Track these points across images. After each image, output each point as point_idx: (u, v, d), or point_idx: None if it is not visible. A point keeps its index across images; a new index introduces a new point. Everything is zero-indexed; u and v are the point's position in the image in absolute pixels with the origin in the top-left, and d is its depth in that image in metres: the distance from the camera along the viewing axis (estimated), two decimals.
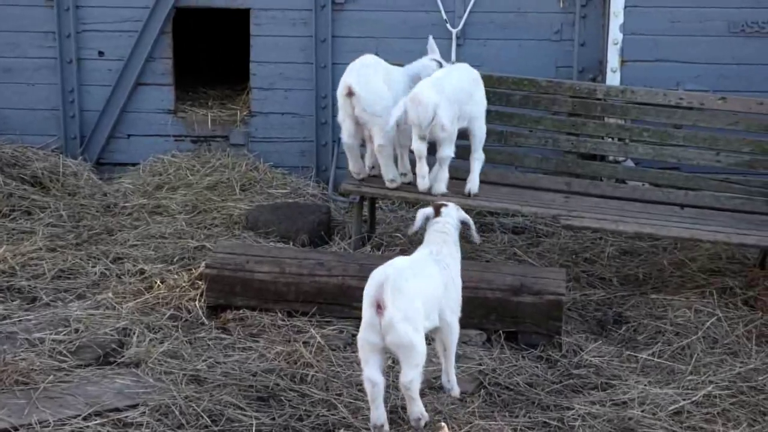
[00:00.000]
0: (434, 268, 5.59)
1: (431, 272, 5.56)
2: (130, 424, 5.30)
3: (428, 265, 5.60)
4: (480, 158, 7.46)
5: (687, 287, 7.38)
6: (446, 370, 5.72)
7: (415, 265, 5.50)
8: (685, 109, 7.82)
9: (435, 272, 5.58)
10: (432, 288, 5.50)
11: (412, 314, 5.21)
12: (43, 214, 8.33)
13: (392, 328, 5.12)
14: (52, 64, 9.39)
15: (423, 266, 5.55)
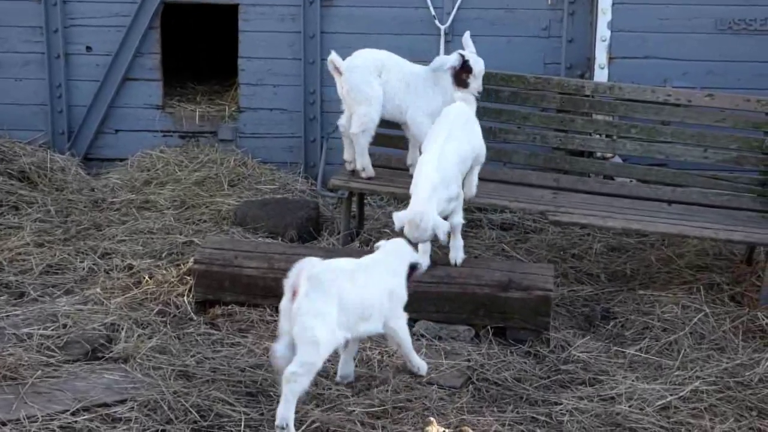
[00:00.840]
0: (381, 274, 5.61)
1: (376, 277, 5.56)
2: (118, 419, 5.29)
3: (376, 270, 5.60)
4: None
5: (674, 283, 7.41)
6: (408, 359, 5.85)
7: (358, 269, 5.49)
8: (673, 106, 7.84)
9: (381, 278, 5.58)
10: (374, 294, 5.52)
11: (325, 313, 5.18)
12: (30, 210, 8.31)
13: (299, 318, 5.11)
14: (40, 59, 9.37)
15: (369, 270, 5.56)
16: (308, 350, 5.11)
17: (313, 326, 5.13)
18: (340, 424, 5.34)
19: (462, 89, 7.27)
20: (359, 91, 7.40)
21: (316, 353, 5.14)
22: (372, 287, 5.53)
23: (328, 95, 9.23)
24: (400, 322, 5.73)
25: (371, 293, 5.52)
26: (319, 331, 5.14)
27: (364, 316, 5.49)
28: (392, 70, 7.44)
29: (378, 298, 5.57)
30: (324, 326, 5.18)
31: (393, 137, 7.91)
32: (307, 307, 5.13)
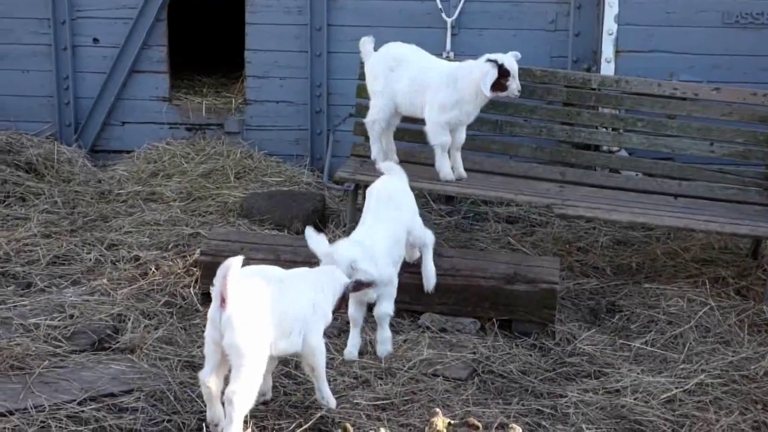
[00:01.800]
0: (306, 286, 5.25)
1: (302, 289, 5.21)
2: (125, 409, 5.31)
3: (302, 281, 5.26)
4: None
5: (680, 277, 7.41)
6: (319, 388, 5.38)
7: (286, 278, 5.17)
8: (679, 100, 7.84)
9: (306, 290, 5.23)
10: (298, 306, 5.16)
11: (257, 322, 4.87)
12: (37, 201, 8.33)
13: (230, 327, 4.77)
14: (47, 51, 9.37)
15: (295, 281, 5.22)
16: (243, 364, 4.79)
17: (245, 335, 4.80)
18: (346, 416, 5.35)
19: (501, 92, 7.20)
20: (368, 84, 7.64)
21: (252, 368, 4.83)
22: (295, 299, 5.16)
23: (334, 88, 9.23)
24: (320, 344, 5.29)
25: (294, 305, 5.15)
26: (251, 343, 4.82)
27: (284, 331, 5.10)
28: (409, 66, 7.46)
29: (300, 312, 5.19)
30: (256, 339, 4.86)
31: (408, 131, 7.95)
32: (240, 315, 4.80)
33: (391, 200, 6.20)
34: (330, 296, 5.36)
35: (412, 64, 7.50)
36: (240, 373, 4.80)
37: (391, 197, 6.22)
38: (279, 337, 5.04)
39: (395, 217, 6.14)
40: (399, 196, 6.28)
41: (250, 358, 4.81)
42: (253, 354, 4.83)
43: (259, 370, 4.89)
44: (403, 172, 6.50)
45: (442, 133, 7.40)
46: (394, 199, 6.22)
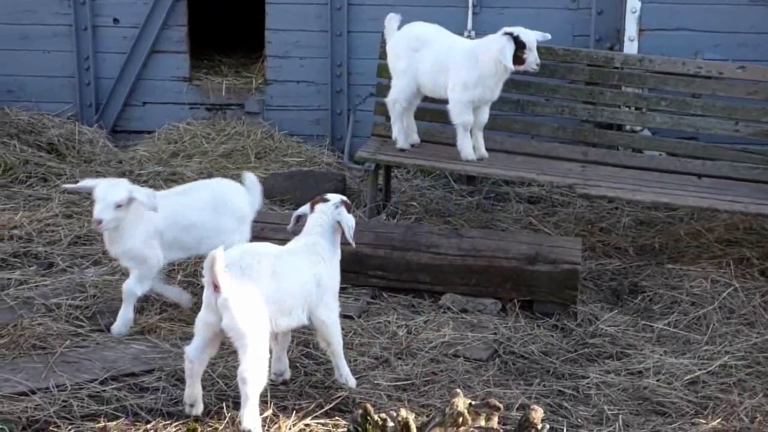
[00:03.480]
0: (304, 261, 5.17)
1: (299, 265, 5.14)
2: (146, 388, 5.32)
3: (298, 256, 5.18)
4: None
5: (703, 257, 7.35)
6: (337, 365, 5.36)
7: (282, 254, 5.12)
8: (704, 78, 7.76)
9: (304, 265, 5.16)
10: (296, 282, 5.09)
11: (253, 301, 4.84)
12: (59, 181, 8.34)
13: (227, 310, 4.77)
14: (68, 32, 9.37)
15: (291, 257, 5.14)
16: (246, 344, 4.78)
17: (242, 315, 4.78)
18: (366, 396, 5.34)
19: (519, 66, 7.20)
20: (390, 64, 7.64)
21: (255, 346, 4.80)
22: (293, 275, 5.10)
23: (354, 68, 9.19)
24: (332, 315, 5.27)
25: (293, 281, 5.10)
26: (249, 322, 4.80)
27: (285, 309, 5.06)
28: (432, 46, 7.44)
29: (301, 287, 5.13)
30: (254, 317, 4.84)
31: (429, 111, 7.92)
32: (235, 298, 4.78)
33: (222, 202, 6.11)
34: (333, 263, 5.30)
35: (434, 43, 7.48)
36: (246, 353, 4.79)
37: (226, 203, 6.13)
38: (279, 315, 5.02)
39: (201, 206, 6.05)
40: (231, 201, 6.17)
41: (251, 336, 4.80)
42: (253, 332, 4.82)
43: (264, 346, 4.89)
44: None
45: (465, 112, 7.38)
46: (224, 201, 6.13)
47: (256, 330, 4.84)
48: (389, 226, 7.18)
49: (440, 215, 8.03)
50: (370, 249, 6.61)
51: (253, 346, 4.81)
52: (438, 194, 8.53)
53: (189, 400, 5.04)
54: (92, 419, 5.00)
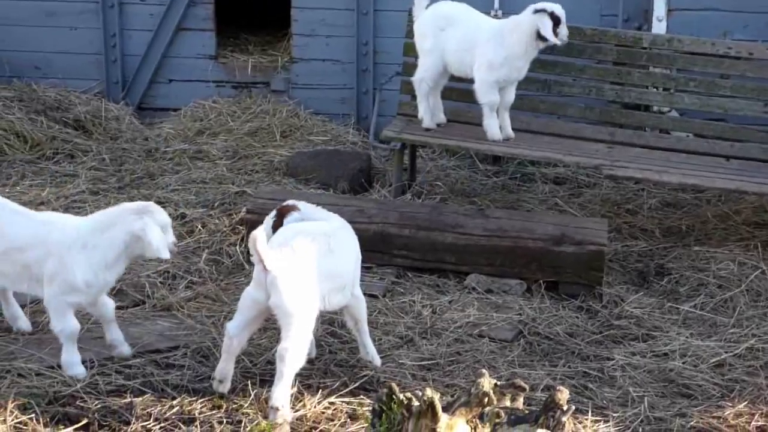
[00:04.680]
0: (351, 238, 5.22)
1: (350, 242, 5.19)
2: (171, 365, 5.34)
3: (347, 233, 5.21)
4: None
5: (731, 240, 7.30)
6: (364, 343, 5.37)
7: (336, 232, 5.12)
8: (733, 59, 7.68)
9: (352, 242, 5.21)
10: (349, 260, 5.15)
11: (303, 281, 4.84)
12: (85, 158, 8.38)
13: (276, 288, 4.75)
14: (95, 9, 9.38)
15: (343, 234, 5.18)
16: (292, 323, 4.77)
17: (292, 294, 4.77)
18: (391, 375, 5.35)
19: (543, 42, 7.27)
20: (417, 42, 7.63)
21: (301, 326, 4.82)
22: (344, 252, 5.13)
23: (381, 46, 9.16)
24: (361, 293, 5.30)
25: (344, 259, 5.12)
26: (300, 302, 4.80)
27: (338, 285, 5.07)
28: (459, 25, 7.42)
29: (349, 264, 5.16)
30: (305, 298, 4.86)
31: (455, 90, 7.89)
32: (284, 277, 4.76)
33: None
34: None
35: (461, 23, 7.45)
36: (290, 332, 4.78)
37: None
38: (334, 293, 5.04)
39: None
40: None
41: (298, 317, 4.80)
42: (300, 313, 4.81)
43: (309, 328, 4.89)
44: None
45: (491, 92, 7.35)
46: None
47: (303, 310, 4.84)
48: (414, 205, 7.17)
49: (465, 195, 8.01)
50: (395, 229, 6.60)
51: (297, 326, 4.81)
52: (463, 174, 8.50)
53: (219, 375, 5.03)
54: (118, 395, 5.03)
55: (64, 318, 5.11)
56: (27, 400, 4.87)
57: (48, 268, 5.05)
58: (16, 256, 5.09)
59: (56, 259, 5.04)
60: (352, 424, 4.87)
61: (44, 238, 5.07)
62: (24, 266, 5.10)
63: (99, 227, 5.06)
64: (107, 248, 5.03)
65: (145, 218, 5.02)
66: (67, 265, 5.02)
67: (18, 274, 5.14)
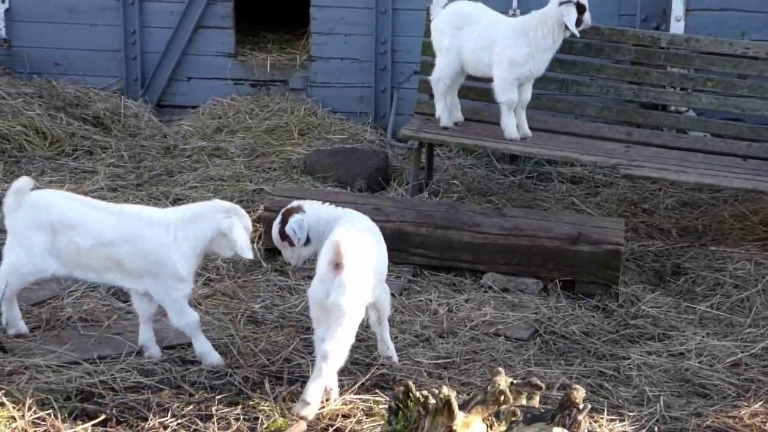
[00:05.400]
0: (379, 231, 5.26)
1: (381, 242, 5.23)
2: (189, 361, 5.37)
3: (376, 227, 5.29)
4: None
5: (748, 240, 7.30)
6: (383, 338, 5.41)
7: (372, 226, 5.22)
8: (751, 59, 7.66)
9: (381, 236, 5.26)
10: (385, 253, 5.22)
11: (365, 282, 4.92)
12: (104, 154, 8.43)
13: (342, 290, 4.77)
14: (115, 6, 9.43)
15: (376, 228, 5.26)
16: (343, 323, 4.81)
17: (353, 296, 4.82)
18: (407, 373, 5.37)
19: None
20: (434, 42, 7.64)
21: (350, 327, 4.87)
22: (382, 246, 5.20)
23: (399, 45, 9.19)
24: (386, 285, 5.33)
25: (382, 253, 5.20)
26: (357, 304, 4.87)
27: (380, 279, 5.16)
28: (477, 25, 7.43)
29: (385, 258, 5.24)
30: (362, 299, 4.93)
31: (473, 89, 7.91)
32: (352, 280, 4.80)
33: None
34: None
35: (478, 22, 7.47)
36: (337, 332, 4.80)
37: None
38: (377, 285, 5.11)
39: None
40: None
41: (350, 318, 4.83)
42: (353, 315, 4.86)
43: (355, 330, 4.93)
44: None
45: (510, 90, 7.36)
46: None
47: (357, 312, 4.89)
48: (431, 204, 7.19)
49: (482, 194, 8.02)
50: (412, 227, 6.62)
51: (347, 327, 4.84)
52: (480, 173, 8.51)
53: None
54: (136, 391, 5.05)
55: (183, 311, 5.24)
56: (45, 395, 4.91)
57: (144, 266, 5.18)
58: (106, 251, 5.18)
59: (152, 256, 5.16)
60: (368, 422, 4.88)
61: (137, 233, 5.18)
62: (114, 260, 5.19)
63: (188, 220, 5.19)
64: (194, 240, 5.17)
65: (234, 218, 5.15)
66: (165, 260, 5.15)
67: (106, 267, 5.22)
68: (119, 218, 5.24)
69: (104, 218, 5.23)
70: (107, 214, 5.27)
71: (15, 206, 5.22)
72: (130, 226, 5.20)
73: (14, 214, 5.23)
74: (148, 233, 5.17)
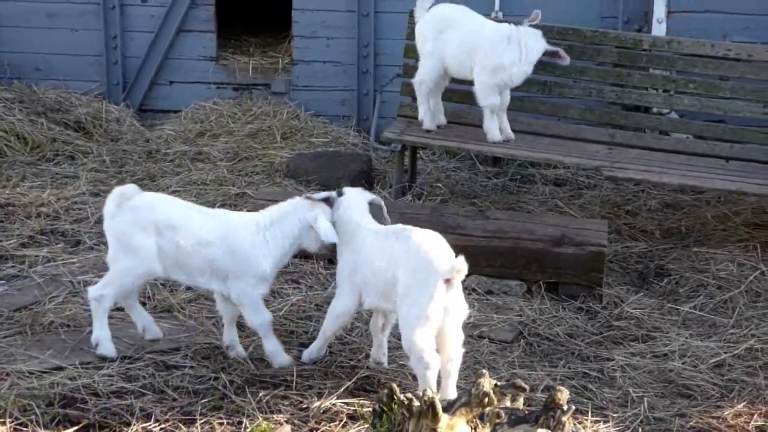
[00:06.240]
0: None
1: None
2: (173, 366, 5.35)
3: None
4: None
5: (730, 241, 7.32)
6: (383, 345, 5.47)
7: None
8: (733, 61, 7.70)
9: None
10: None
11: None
12: (86, 159, 8.39)
13: (459, 301, 4.93)
14: (96, 10, 9.39)
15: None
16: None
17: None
18: (392, 376, 5.35)
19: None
20: (418, 45, 7.63)
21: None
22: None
23: (381, 48, 9.18)
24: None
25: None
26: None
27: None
28: (459, 28, 7.41)
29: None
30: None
31: (456, 92, 7.91)
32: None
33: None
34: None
35: (461, 25, 7.46)
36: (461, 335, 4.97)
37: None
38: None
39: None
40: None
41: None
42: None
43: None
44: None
45: (492, 94, 7.37)
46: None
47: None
48: (415, 207, 7.19)
49: (466, 197, 8.02)
50: None
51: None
52: (464, 176, 8.52)
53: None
54: (119, 396, 5.03)
55: (259, 311, 5.33)
56: (27, 401, 4.88)
57: (233, 266, 5.28)
58: (204, 252, 5.27)
59: (243, 256, 5.27)
60: (353, 425, 4.87)
61: (233, 234, 5.31)
62: (208, 261, 5.28)
63: (275, 221, 5.34)
64: (283, 239, 5.31)
65: (317, 209, 5.30)
66: (252, 260, 5.27)
67: (200, 268, 5.30)
68: (216, 220, 5.38)
69: (203, 220, 5.36)
70: (205, 216, 5.40)
71: (116, 210, 5.30)
72: (225, 228, 5.34)
73: (116, 218, 5.31)
74: (242, 234, 5.31)
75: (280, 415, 4.92)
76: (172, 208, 5.35)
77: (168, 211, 5.31)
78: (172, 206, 5.39)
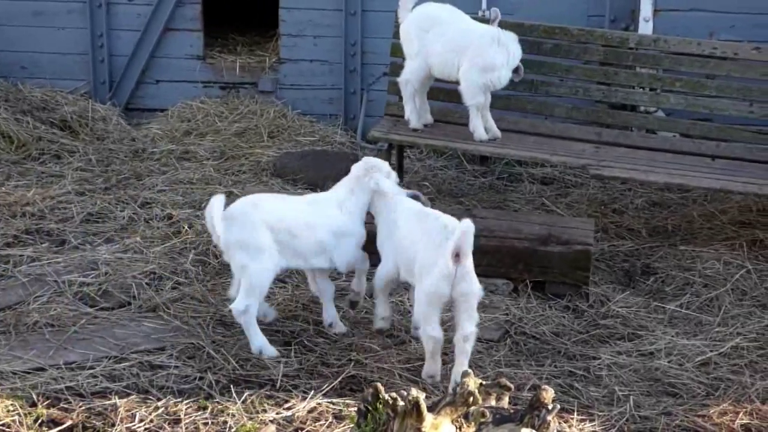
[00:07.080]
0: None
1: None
2: (158, 366, 5.34)
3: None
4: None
5: (716, 239, 7.32)
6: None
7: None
8: (719, 59, 7.69)
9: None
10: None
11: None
12: (72, 158, 8.37)
13: (469, 278, 5.19)
14: (82, 8, 9.36)
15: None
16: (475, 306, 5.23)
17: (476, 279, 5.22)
18: (378, 376, 5.35)
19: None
20: (403, 45, 7.59)
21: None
22: None
23: (368, 47, 9.17)
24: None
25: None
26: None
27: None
28: (444, 28, 7.38)
29: None
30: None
31: (443, 90, 7.87)
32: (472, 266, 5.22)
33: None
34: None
35: (446, 24, 7.42)
36: (474, 314, 5.24)
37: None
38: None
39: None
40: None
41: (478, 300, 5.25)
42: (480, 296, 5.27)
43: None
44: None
45: (479, 93, 7.35)
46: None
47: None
48: None
49: (453, 195, 8.02)
50: None
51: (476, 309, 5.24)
52: (451, 174, 8.51)
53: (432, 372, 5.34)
54: (103, 396, 5.02)
55: (365, 261, 5.80)
56: (11, 401, 4.86)
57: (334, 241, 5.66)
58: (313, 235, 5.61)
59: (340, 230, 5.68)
60: (339, 425, 4.87)
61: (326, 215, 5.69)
62: (317, 241, 5.62)
63: (349, 193, 5.75)
64: (356, 209, 5.74)
65: (374, 174, 5.75)
66: (348, 230, 5.71)
67: (313, 250, 5.63)
68: (309, 205, 5.74)
69: (300, 207, 5.71)
70: (299, 203, 5.77)
71: (227, 223, 5.47)
72: (319, 210, 5.71)
73: (230, 229, 5.48)
74: (333, 213, 5.69)
75: (265, 415, 4.91)
76: (272, 203, 5.67)
77: (270, 207, 5.60)
78: (271, 201, 5.72)
